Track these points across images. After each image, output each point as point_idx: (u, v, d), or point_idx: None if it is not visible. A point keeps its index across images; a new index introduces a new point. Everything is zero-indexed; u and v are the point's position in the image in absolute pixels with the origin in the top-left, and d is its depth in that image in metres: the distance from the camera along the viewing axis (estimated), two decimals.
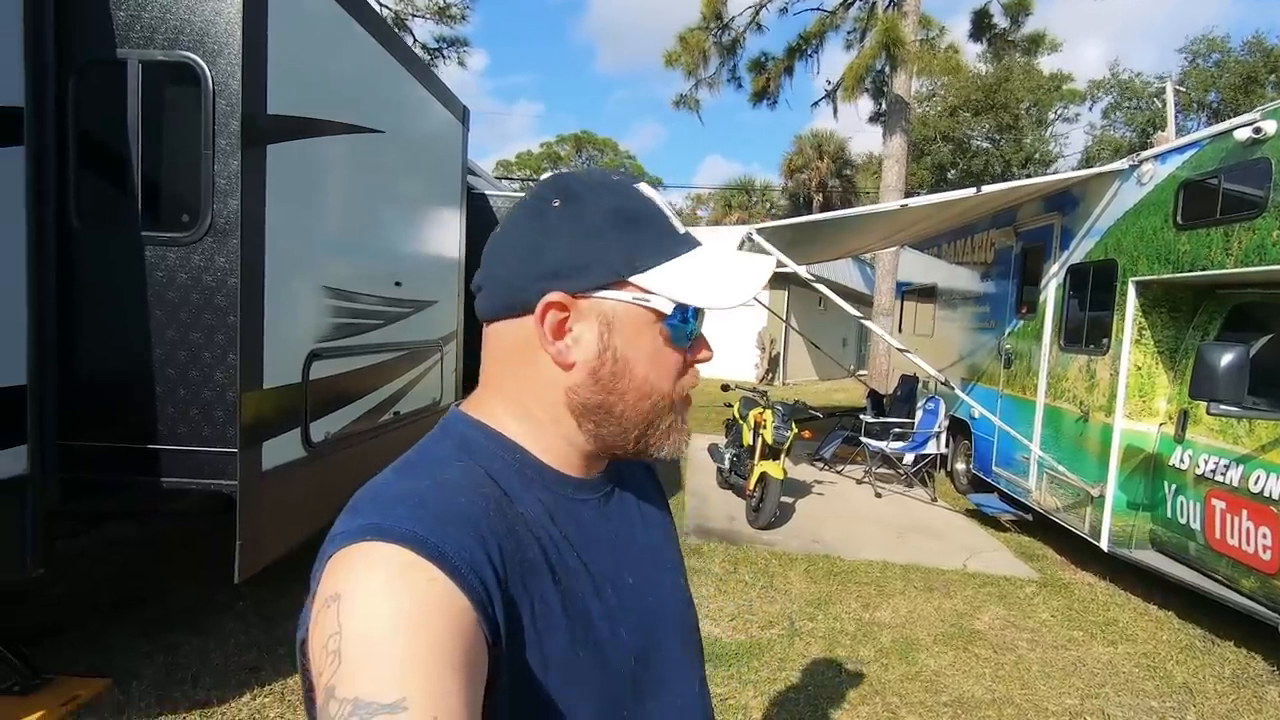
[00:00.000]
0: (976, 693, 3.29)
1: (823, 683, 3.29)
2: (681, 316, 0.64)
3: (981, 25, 14.55)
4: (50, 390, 2.59)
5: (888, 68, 12.07)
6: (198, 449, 2.70)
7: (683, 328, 0.65)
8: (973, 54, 19.23)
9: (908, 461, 7.28)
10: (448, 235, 5.34)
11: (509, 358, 0.65)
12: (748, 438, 6.00)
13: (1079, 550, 5.13)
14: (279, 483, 2.96)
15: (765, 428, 5.61)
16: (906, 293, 10.02)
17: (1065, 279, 5.44)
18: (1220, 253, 3.87)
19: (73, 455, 2.67)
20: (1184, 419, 4.22)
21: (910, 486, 7.21)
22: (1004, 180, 15.54)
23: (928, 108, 27.76)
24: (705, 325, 0.68)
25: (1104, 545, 4.62)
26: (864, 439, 7.41)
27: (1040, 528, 5.73)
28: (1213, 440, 3.98)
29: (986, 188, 5.73)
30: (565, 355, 0.62)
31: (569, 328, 0.62)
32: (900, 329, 10.13)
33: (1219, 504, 3.87)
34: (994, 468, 6.35)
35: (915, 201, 6.28)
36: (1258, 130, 3.66)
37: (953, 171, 27.91)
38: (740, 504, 6.00)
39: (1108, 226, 4.92)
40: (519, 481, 0.64)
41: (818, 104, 18.91)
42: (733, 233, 12.09)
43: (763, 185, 35.50)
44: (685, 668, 0.74)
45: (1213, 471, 3.93)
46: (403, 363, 4.38)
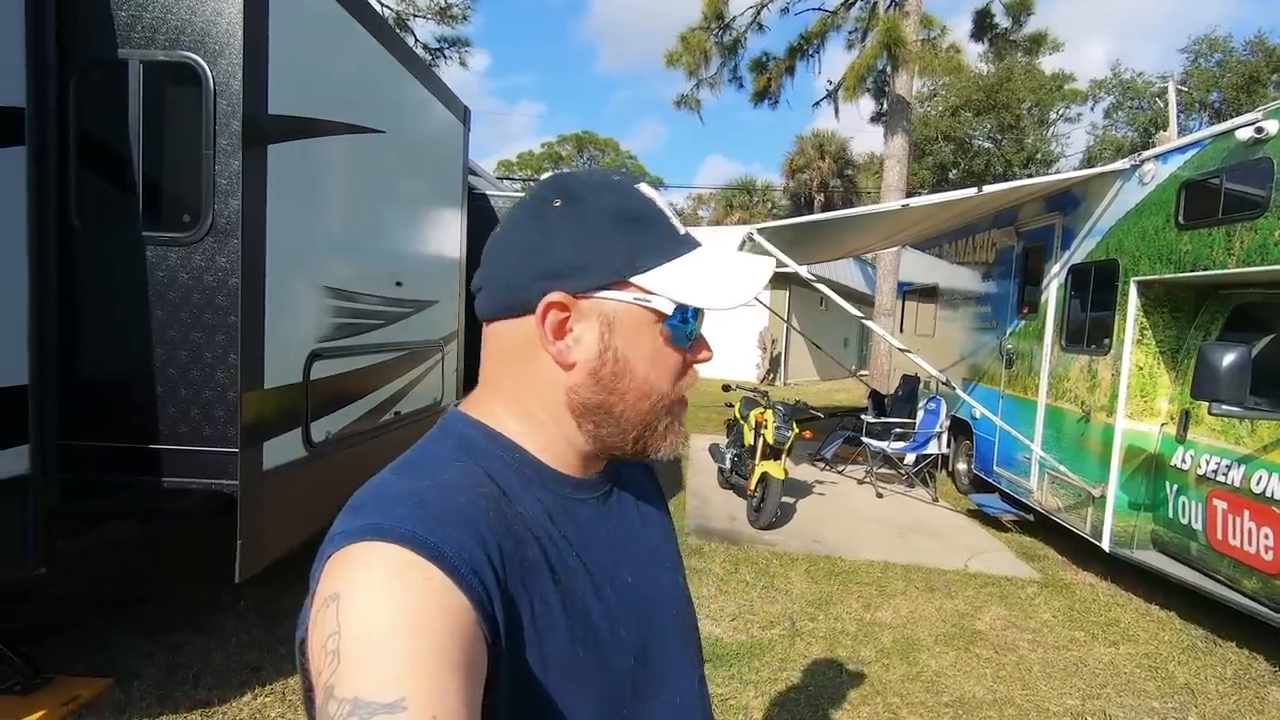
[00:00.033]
0: (978, 693, 3.29)
1: (824, 683, 3.29)
2: (682, 317, 0.64)
3: (983, 25, 14.55)
4: (51, 390, 2.60)
5: (889, 68, 12.08)
6: (199, 449, 2.70)
7: (683, 328, 0.65)
8: (974, 54, 19.34)
9: (909, 462, 7.28)
10: (448, 235, 5.34)
11: (509, 357, 0.65)
12: (749, 438, 6.00)
13: (1080, 551, 5.12)
14: (280, 482, 2.96)
15: (766, 428, 5.61)
16: (908, 293, 10.02)
17: (1067, 279, 5.43)
18: (1222, 253, 3.86)
19: (74, 455, 2.67)
20: (1186, 419, 4.22)
21: (911, 487, 7.20)
22: (1005, 180, 15.53)
23: (929, 108, 27.73)
24: (706, 325, 0.68)
25: (1105, 546, 4.61)
26: (865, 439, 7.41)
27: (1041, 528, 5.72)
28: (1214, 440, 3.98)
29: (988, 188, 5.72)
30: (566, 355, 0.62)
31: (570, 328, 0.62)
32: (901, 329, 10.13)
33: (1221, 504, 3.87)
34: (995, 468, 6.35)
35: (916, 201, 6.28)
36: (1259, 130, 3.65)
37: (954, 171, 27.88)
38: (741, 504, 6.00)
39: (1109, 226, 4.91)
40: (518, 481, 0.64)
41: (819, 104, 18.94)
42: (734, 233, 12.08)
43: (764, 185, 35.51)
44: (684, 667, 0.74)
45: (1214, 472, 3.92)
46: (403, 363, 4.38)
